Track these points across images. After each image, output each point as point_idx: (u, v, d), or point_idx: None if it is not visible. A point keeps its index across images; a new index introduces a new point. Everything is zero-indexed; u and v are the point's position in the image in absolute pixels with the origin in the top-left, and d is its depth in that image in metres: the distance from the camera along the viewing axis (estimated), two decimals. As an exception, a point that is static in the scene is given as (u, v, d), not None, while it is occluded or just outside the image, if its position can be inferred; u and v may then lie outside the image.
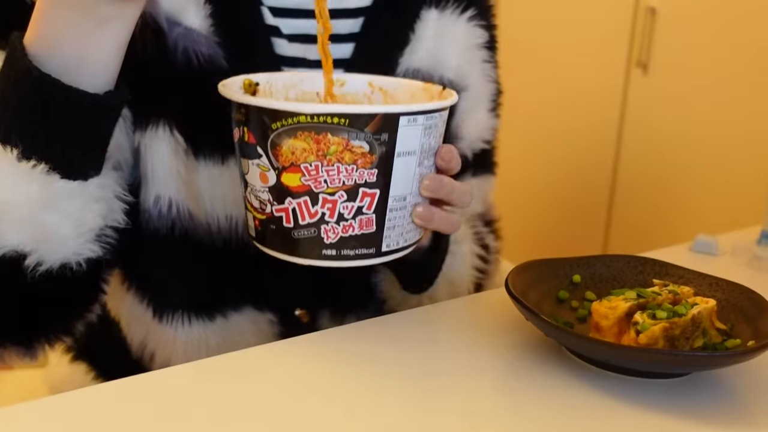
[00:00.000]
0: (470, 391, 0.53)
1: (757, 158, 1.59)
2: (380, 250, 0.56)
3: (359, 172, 0.52)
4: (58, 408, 0.49)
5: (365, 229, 0.54)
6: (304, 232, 0.54)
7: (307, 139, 0.51)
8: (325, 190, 0.52)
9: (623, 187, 1.89)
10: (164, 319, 0.71)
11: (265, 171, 0.53)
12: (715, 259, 0.83)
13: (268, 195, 0.54)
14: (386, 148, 0.52)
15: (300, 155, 0.52)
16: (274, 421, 0.48)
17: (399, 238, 0.57)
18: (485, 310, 0.66)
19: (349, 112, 0.50)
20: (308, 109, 0.50)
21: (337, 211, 0.53)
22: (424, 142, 0.54)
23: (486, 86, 0.80)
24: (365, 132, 0.51)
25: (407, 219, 0.56)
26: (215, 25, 0.66)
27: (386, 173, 0.53)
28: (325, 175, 0.52)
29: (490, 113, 0.81)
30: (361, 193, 0.53)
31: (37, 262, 0.56)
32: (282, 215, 0.54)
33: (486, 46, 0.79)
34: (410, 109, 0.52)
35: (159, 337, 0.72)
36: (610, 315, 0.57)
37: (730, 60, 1.61)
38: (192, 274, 0.70)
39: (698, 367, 0.54)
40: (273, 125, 0.51)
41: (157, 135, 0.65)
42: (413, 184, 0.55)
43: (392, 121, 0.52)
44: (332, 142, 0.51)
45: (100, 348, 0.78)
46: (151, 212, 0.67)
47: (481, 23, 0.78)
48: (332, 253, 0.55)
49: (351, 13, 0.72)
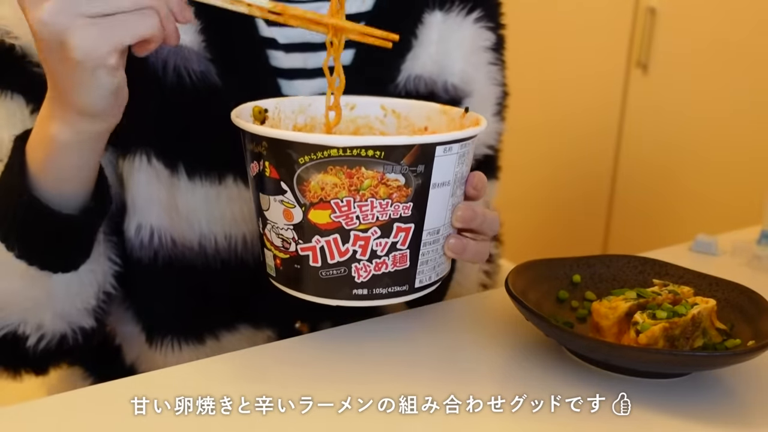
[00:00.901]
0: (470, 391, 0.53)
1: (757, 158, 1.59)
2: (413, 287, 0.53)
3: (394, 207, 0.49)
4: (57, 408, 0.49)
5: (399, 266, 0.52)
6: (333, 272, 0.51)
7: (339, 173, 0.48)
8: (357, 226, 0.49)
9: (623, 187, 1.89)
10: (154, 344, 0.70)
11: (290, 208, 0.50)
12: (715, 259, 0.83)
13: (293, 233, 0.51)
14: (422, 180, 0.50)
15: (330, 191, 0.48)
16: (274, 421, 0.48)
17: (431, 273, 0.54)
18: (485, 310, 0.66)
19: (385, 144, 0.48)
20: (340, 141, 0.47)
21: (370, 248, 0.50)
22: (458, 171, 0.52)
23: (491, 90, 0.78)
24: (401, 164, 0.48)
25: (439, 252, 0.54)
26: (207, 40, 0.64)
27: (421, 206, 0.51)
28: (357, 211, 0.49)
29: (494, 117, 0.79)
30: (395, 228, 0.50)
31: (39, 338, 0.60)
32: (308, 254, 0.51)
33: (492, 48, 0.77)
34: (446, 138, 0.50)
35: (150, 360, 0.72)
36: (610, 315, 0.57)
37: (730, 60, 1.61)
38: (180, 301, 0.69)
39: (698, 367, 0.54)
40: (300, 159, 0.48)
41: (134, 165, 0.64)
42: (446, 215, 0.53)
43: (429, 152, 0.49)
44: (366, 176, 0.48)
45: (97, 355, 0.78)
46: (134, 242, 0.66)
47: (489, 25, 0.76)
48: (363, 293, 0.52)
49: (351, 18, 0.70)
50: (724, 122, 1.64)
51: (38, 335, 0.60)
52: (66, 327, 0.61)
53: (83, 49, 0.45)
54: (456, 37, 0.74)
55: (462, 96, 0.75)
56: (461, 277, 0.76)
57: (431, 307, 0.67)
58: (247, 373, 0.54)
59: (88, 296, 0.62)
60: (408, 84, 0.72)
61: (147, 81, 0.63)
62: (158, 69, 0.63)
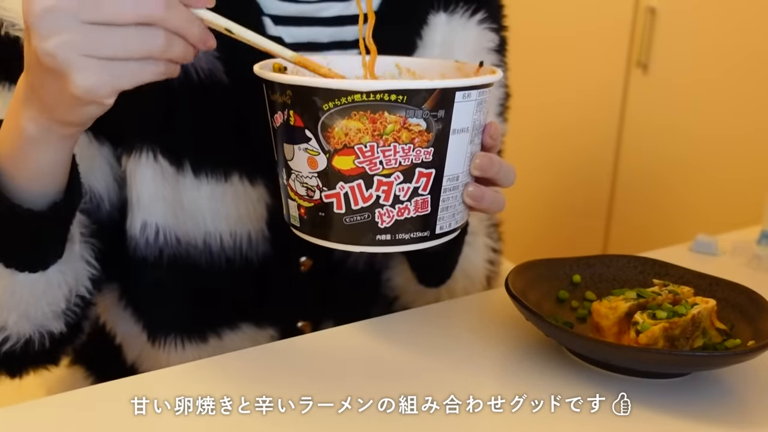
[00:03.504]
0: (470, 391, 0.53)
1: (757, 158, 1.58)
2: (434, 233, 0.54)
3: (416, 152, 0.50)
4: (57, 408, 0.49)
5: (420, 211, 0.52)
6: (357, 218, 0.51)
7: (362, 118, 0.49)
8: (380, 171, 0.50)
9: (623, 187, 1.89)
10: (157, 342, 0.70)
11: (314, 155, 0.51)
12: (715, 259, 0.83)
13: (317, 181, 0.51)
14: (442, 125, 0.50)
15: (354, 136, 0.49)
16: (274, 421, 0.48)
17: (451, 220, 0.55)
18: (485, 310, 0.66)
19: (407, 88, 0.48)
20: (364, 86, 0.48)
21: (393, 193, 0.51)
22: (476, 119, 0.53)
23: (494, 91, 0.78)
24: (423, 109, 0.49)
25: (459, 199, 0.55)
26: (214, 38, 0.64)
27: (442, 152, 0.51)
28: (380, 155, 0.50)
29: (497, 118, 0.79)
30: (417, 173, 0.51)
31: (3, 339, 0.58)
32: (333, 201, 0.51)
33: (496, 49, 0.77)
34: (466, 84, 0.50)
35: (152, 359, 0.71)
36: (610, 315, 0.57)
37: (730, 60, 1.61)
38: (183, 299, 0.69)
39: (698, 367, 0.54)
40: (324, 106, 0.49)
41: (140, 162, 0.64)
42: (465, 162, 0.54)
43: (449, 97, 0.50)
44: (389, 120, 0.49)
45: (97, 354, 0.78)
46: (138, 240, 0.66)
47: (492, 26, 0.76)
48: (387, 238, 0.52)
49: (356, 19, 0.70)
50: (724, 122, 1.64)
51: (2, 336, 0.58)
52: (32, 329, 0.59)
53: (84, 87, 0.43)
54: (460, 38, 0.74)
55: None
56: (468, 266, 0.76)
57: (431, 307, 0.67)
58: (247, 373, 0.54)
59: (56, 298, 0.59)
60: None
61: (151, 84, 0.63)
62: None
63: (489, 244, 0.79)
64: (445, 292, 0.75)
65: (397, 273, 0.76)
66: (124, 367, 0.75)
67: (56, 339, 0.61)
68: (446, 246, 0.68)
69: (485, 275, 0.79)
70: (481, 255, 0.78)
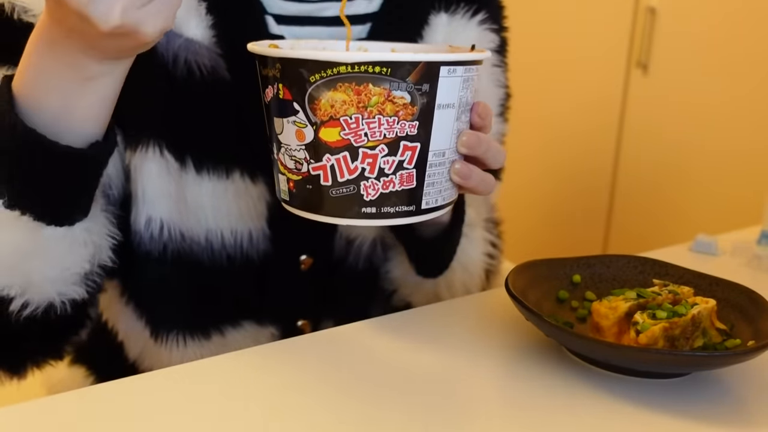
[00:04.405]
0: (470, 391, 0.53)
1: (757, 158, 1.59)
2: (420, 208, 0.54)
3: (401, 125, 0.51)
4: (57, 408, 0.49)
5: (405, 185, 0.53)
6: (343, 190, 0.52)
7: (347, 90, 0.49)
8: (365, 144, 0.51)
9: (623, 187, 1.89)
10: (159, 338, 0.70)
11: (302, 127, 0.52)
12: (715, 259, 0.83)
13: (305, 153, 0.52)
14: (427, 99, 0.51)
15: (339, 108, 0.50)
16: (275, 421, 0.48)
17: (438, 196, 0.55)
18: (485, 310, 0.66)
19: (391, 60, 0.49)
20: (348, 58, 0.48)
21: (378, 166, 0.51)
22: (462, 95, 0.53)
23: (495, 91, 0.78)
24: (407, 82, 0.50)
25: (445, 176, 0.55)
26: (217, 36, 0.64)
27: (427, 126, 0.52)
28: (365, 128, 0.50)
29: (498, 118, 0.79)
30: (402, 146, 0.51)
31: (23, 304, 0.56)
32: (320, 173, 0.52)
33: (496, 50, 0.77)
34: (450, 59, 0.51)
35: (154, 355, 0.72)
36: (610, 315, 0.57)
37: (731, 60, 1.61)
38: (187, 295, 0.69)
39: (698, 367, 0.54)
40: (311, 78, 0.50)
41: (146, 156, 0.64)
42: (451, 138, 0.54)
43: (434, 71, 0.50)
44: (373, 92, 0.49)
45: (98, 353, 0.78)
46: (143, 234, 0.66)
47: (493, 27, 0.76)
48: (372, 211, 0.53)
49: (358, 19, 0.70)
50: (724, 122, 1.64)
51: (23, 300, 0.56)
52: (53, 294, 0.58)
53: (154, 35, 0.48)
54: (461, 38, 0.74)
55: None
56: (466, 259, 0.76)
57: (431, 307, 0.67)
58: (248, 373, 0.54)
59: (81, 258, 0.58)
60: None
61: (157, 73, 0.63)
62: (168, 62, 0.63)
63: (487, 237, 0.79)
64: (443, 284, 0.75)
65: (395, 265, 0.76)
66: (125, 365, 0.75)
67: (77, 305, 0.60)
68: (442, 236, 0.68)
69: (484, 269, 0.79)
70: (479, 248, 0.78)
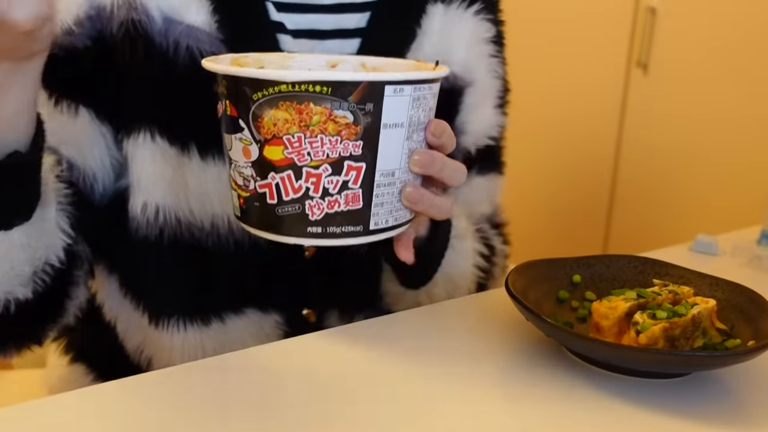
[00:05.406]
0: (470, 391, 0.53)
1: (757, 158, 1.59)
2: (368, 228, 0.53)
3: (344, 144, 0.50)
4: (58, 408, 0.49)
5: (351, 205, 0.52)
6: (289, 209, 0.52)
7: (289, 109, 0.49)
8: (308, 163, 0.50)
9: (623, 187, 1.89)
10: (160, 325, 0.70)
11: (248, 145, 0.51)
12: (715, 259, 0.83)
13: (251, 170, 0.52)
14: (371, 119, 0.50)
15: (282, 126, 0.50)
16: (276, 421, 0.48)
17: (388, 216, 0.54)
18: (485, 310, 0.66)
19: (331, 80, 0.48)
20: (289, 76, 0.48)
21: (322, 185, 0.51)
22: (413, 115, 0.52)
23: (492, 82, 0.79)
24: (349, 101, 0.49)
25: (397, 196, 0.54)
26: (218, 22, 0.65)
27: (372, 146, 0.51)
28: (308, 147, 0.50)
29: (496, 110, 0.80)
30: (346, 166, 0.51)
31: None
32: (265, 191, 0.52)
33: (493, 40, 0.78)
34: (396, 78, 0.50)
35: (155, 342, 0.72)
36: (610, 315, 0.57)
37: (730, 60, 1.61)
38: (186, 280, 0.70)
39: (698, 367, 0.54)
40: (254, 95, 0.50)
41: (138, 143, 0.65)
42: (402, 158, 0.53)
43: (377, 90, 0.49)
44: (315, 111, 0.49)
45: (98, 350, 0.78)
46: (140, 220, 0.67)
47: (488, 17, 0.78)
48: (318, 231, 0.52)
49: (358, 7, 0.71)
50: (724, 122, 1.64)
51: None
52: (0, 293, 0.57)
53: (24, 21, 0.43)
54: (457, 28, 0.75)
55: (463, 85, 0.76)
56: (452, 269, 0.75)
57: (431, 307, 0.67)
58: (248, 372, 0.54)
59: (18, 261, 0.57)
60: None
61: (153, 61, 0.64)
62: (169, 50, 0.64)
63: (478, 249, 0.77)
64: (426, 297, 0.73)
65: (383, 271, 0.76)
66: (124, 358, 0.75)
67: (22, 305, 0.58)
68: (421, 249, 0.67)
69: (473, 281, 0.77)
70: (469, 260, 0.76)
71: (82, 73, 0.65)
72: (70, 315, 0.66)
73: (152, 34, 0.64)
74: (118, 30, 0.64)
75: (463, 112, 0.77)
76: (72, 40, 0.64)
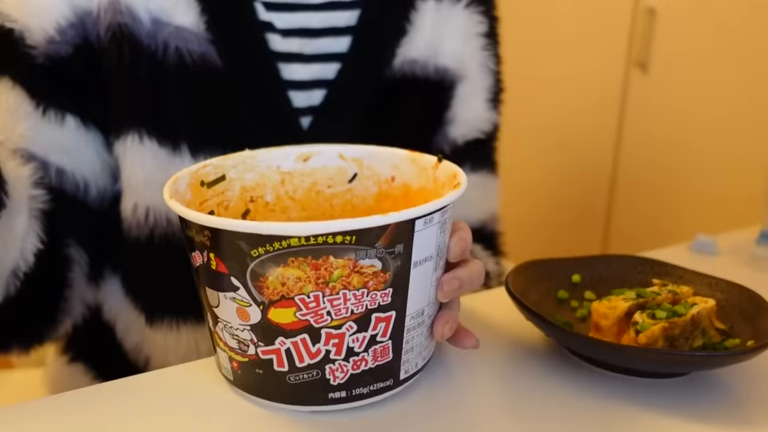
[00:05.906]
0: (470, 391, 0.53)
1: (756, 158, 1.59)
2: (398, 379, 0.47)
3: (371, 296, 0.43)
4: (58, 408, 0.49)
5: (380, 360, 0.45)
6: (304, 375, 0.44)
7: (302, 265, 0.41)
8: (328, 323, 0.43)
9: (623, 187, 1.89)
10: (155, 324, 0.71)
11: (245, 306, 0.43)
12: (715, 259, 0.83)
13: (251, 334, 0.44)
14: (401, 261, 0.43)
15: (293, 286, 0.41)
16: (276, 421, 0.48)
17: (417, 359, 0.48)
18: (485, 310, 0.66)
19: (355, 228, 0.40)
20: (302, 230, 0.40)
21: (346, 345, 0.43)
22: (441, 242, 0.46)
23: (484, 77, 0.79)
24: (376, 247, 0.41)
25: (425, 334, 0.48)
26: (207, 22, 0.65)
27: (403, 290, 0.44)
28: (328, 306, 0.42)
29: (487, 104, 0.79)
30: (374, 319, 0.43)
31: None
32: (272, 357, 0.44)
33: (485, 34, 0.78)
34: (426, 210, 0.43)
35: (152, 341, 0.72)
36: (610, 315, 0.57)
37: (730, 60, 1.61)
38: (178, 280, 0.69)
39: (698, 367, 0.54)
40: (253, 252, 0.41)
41: (126, 145, 0.65)
42: (430, 293, 0.47)
43: (407, 228, 0.42)
44: (336, 265, 0.41)
45: (97, 350, 0.79)
46: (131, 221, 0.67)
47: (480, 9, 0.78)
48: (342, 395, 0.45)
49: (348, 5, 0.71)
50: (723, 122, 1.64)
51: None
52: None
53: None
54: (449, 23, 0.75)
55: (454, 80, 0.76)
56: None
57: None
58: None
59: None
60: (404, 67, 0.73)
61: (141, 63, 0.64)
62: (158, 51, 0.64)
63: None
64: None
65: None
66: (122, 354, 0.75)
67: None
68: None
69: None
70: None
71: (67, 81, 0.65)
72: (73, 314, 0.67)
73: (140, 36, 0.64)
74: (105, 34, 0.64)
75: (453, 106, 0.77)
76: (55, 48, 0.64)
